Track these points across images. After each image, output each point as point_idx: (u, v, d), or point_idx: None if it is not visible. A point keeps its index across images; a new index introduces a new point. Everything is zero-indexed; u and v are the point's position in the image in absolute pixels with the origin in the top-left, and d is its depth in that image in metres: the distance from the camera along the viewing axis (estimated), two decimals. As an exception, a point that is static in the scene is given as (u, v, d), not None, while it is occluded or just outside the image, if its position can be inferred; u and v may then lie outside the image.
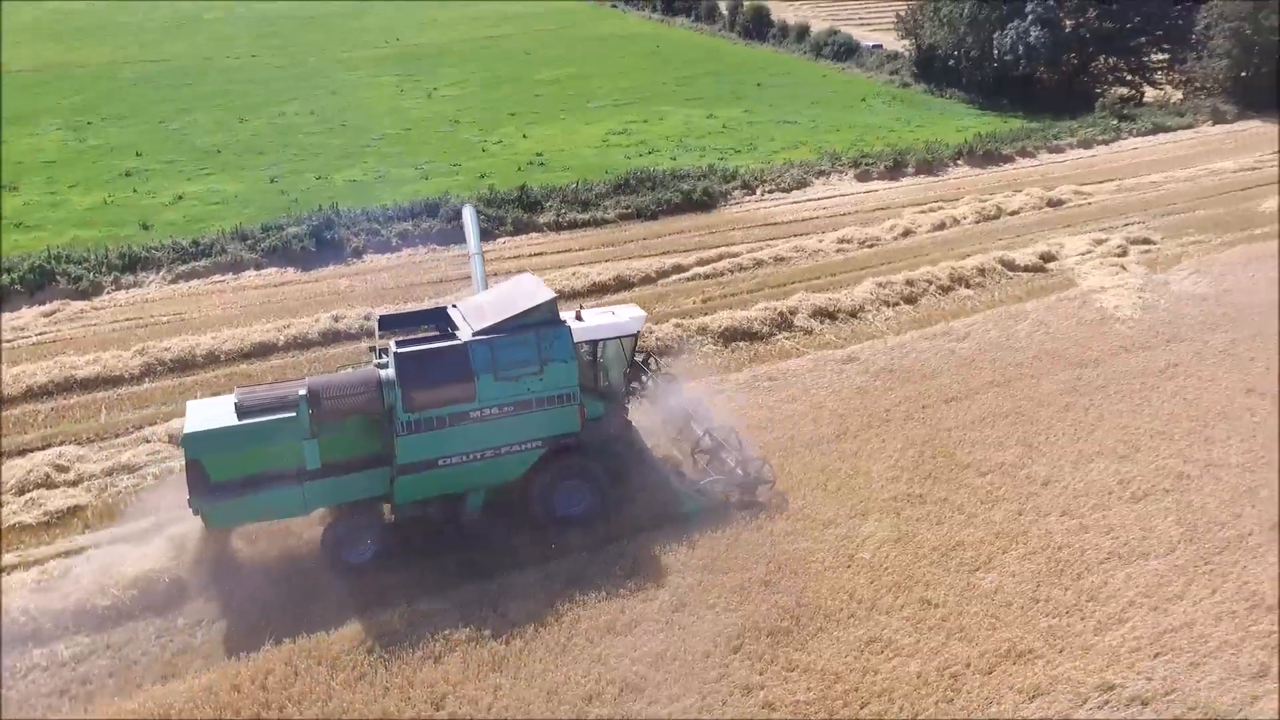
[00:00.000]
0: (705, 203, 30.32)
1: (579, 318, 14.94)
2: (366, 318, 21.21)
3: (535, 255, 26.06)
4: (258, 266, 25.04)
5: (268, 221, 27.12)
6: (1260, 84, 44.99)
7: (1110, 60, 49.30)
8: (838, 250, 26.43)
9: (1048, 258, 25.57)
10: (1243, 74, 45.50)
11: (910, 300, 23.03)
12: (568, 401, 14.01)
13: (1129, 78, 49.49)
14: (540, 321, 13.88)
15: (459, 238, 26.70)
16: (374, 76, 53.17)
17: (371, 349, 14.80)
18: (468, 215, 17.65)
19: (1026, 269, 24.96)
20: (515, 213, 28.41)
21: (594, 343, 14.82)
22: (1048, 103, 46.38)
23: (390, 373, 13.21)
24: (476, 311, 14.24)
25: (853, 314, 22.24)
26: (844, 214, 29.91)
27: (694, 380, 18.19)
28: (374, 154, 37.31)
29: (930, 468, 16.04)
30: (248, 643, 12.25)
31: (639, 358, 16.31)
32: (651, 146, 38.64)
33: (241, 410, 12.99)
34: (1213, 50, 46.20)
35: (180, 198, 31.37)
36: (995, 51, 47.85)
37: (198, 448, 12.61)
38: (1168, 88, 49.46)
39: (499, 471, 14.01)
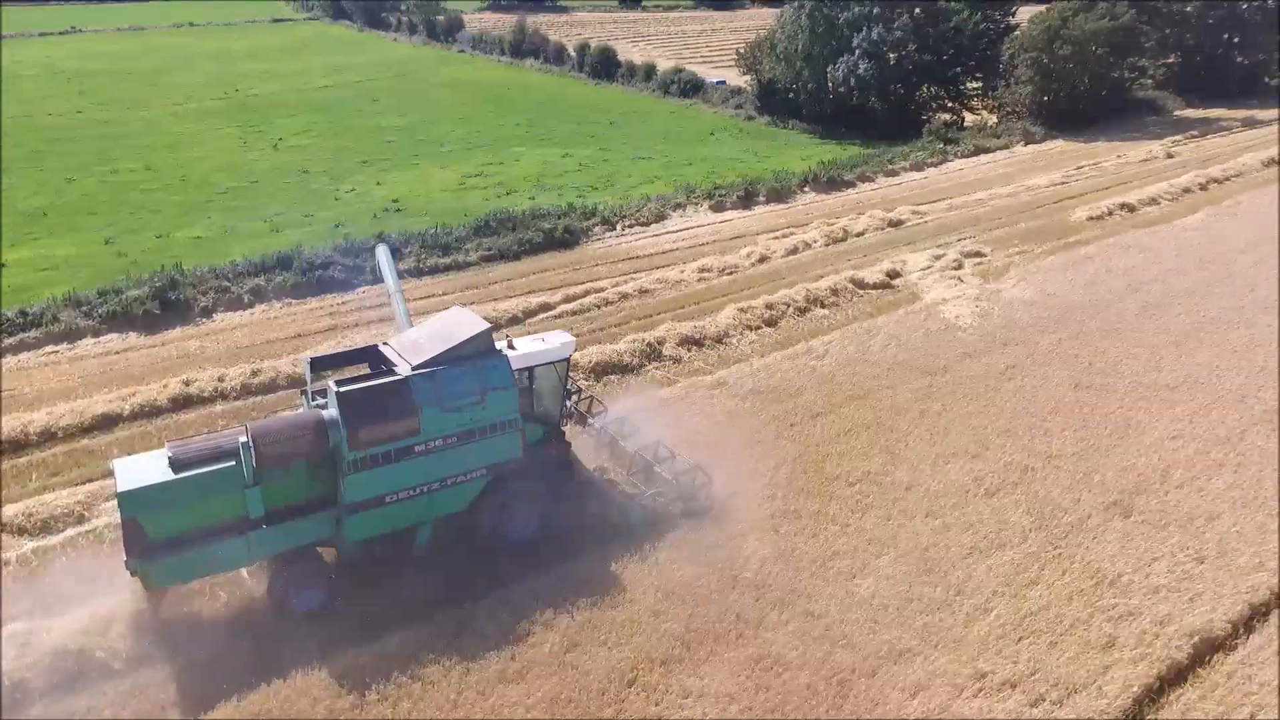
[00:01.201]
0: (567, 240, 30.60)
1: (511, 346, 15.22)
2: (220, 379, 20.21)
3: (398, 303, 25.51)
4: (95, 334, 23.41)
5: (105, 285, 25.48)
6: (1060, 107, 49.72)
7: (932, 89, 53.13)
8: (699, 279, 27.19)
9: (893, 274, 27.15)
10: (1045, 98, 50.15)
11: (771, 323, 23.91)
12: (510, 428, 14.27)
13: (950, 105, 53.50)
14: (478, 352, 14.15)
15: (316, 290, 26.08)
16: (213, 129, 51.08)
17: (303, 392, 14.67)
18: (382, 254, 17.56)
19: (875, 286, 26.40)
20: (373, 261, 27.74)
21: (529, 369, 15.07)
22: (881, 130, 49.47)
23: (333, 412, 13.12)
24: (412, 347, 14.29)
25: (718, 340, 22.88)
26: (703, 244, 30.83)
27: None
28: (219, 208, 35.73)
29: (803, 483, 16.63)
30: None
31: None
32: (509, 188, 38.73)
33: (177, 464, 12.63)
34: (1018, 78, 50.68)
35: (2, 265, 29.04)
36: (830, 84, 50.75)
37: (134, 506, 12.20)
38: (984, 112, 53.76)
39: (446, 503, 14.13)
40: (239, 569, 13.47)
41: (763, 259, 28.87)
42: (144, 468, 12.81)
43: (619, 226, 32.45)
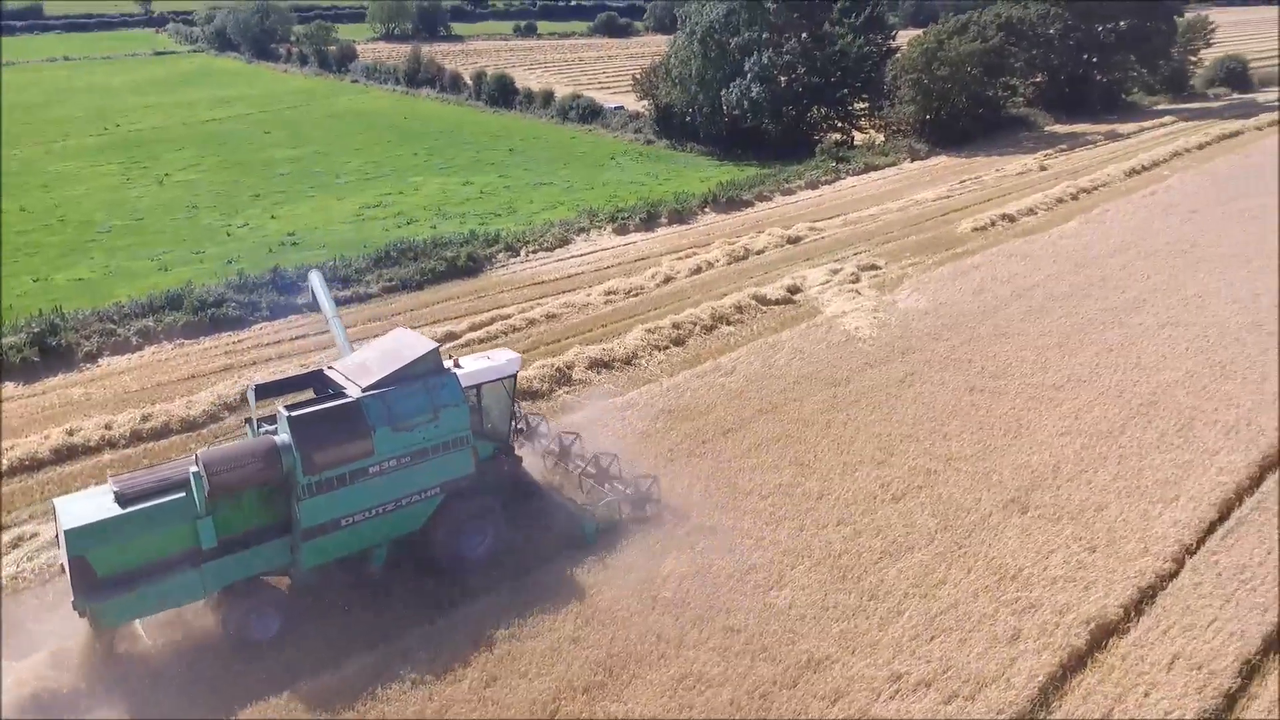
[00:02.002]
0: (471, 268, 30.32)
1: (457, 365, 15.33)
2: (107, 427, 19.18)
3: (297, 338, 24.79)
4: (-35, 386, 21.94)
5: (-26, 334, 23.93)
6: (942, 124, 52.22)
7: (823, 110, 54.98)
8: (606, 302, 27.30)
9: (794, 290, 27.85)
10: (927, 116, 52.58)
11: (679, 342, 24.19)
12: (462, 445, 14.38)
13: (840, 124, 55.41)
14: (427, 371, 14.23)
15: (209, 330, 25.10)
16: (93, 166, 48.77)
17: (248, 420, 14.64)
18: (315, 280, 17.56)
19: (777, 302, 27.02)
20: (270, 296, 26.95)
21: (477, 387, 15.22)
22: (776, 150, 50.87)
23: (285, 437, 12.97)
24: (359, 369, 14.33)
25: (627, 361, 23.00)
26: (608, 267, 31.00)
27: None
28: (101, 248, 34.07)
29: (717, 498, 16.80)
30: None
31: None
32: (410, 217, 38.18)
33: (124, 498, 12.42)
34: (901, 98, 52.98)
35: None
36: (725, 107, 51.96)
37: (81, 543, 11.91)
38: (872, 131, 55.89)
39: (402, 523, 14.15)
40: (192, 602, 13.10)
41: (668, 279, 29.22)
42: (88, 504, 12.54)
43: (523, 252, 32.36)
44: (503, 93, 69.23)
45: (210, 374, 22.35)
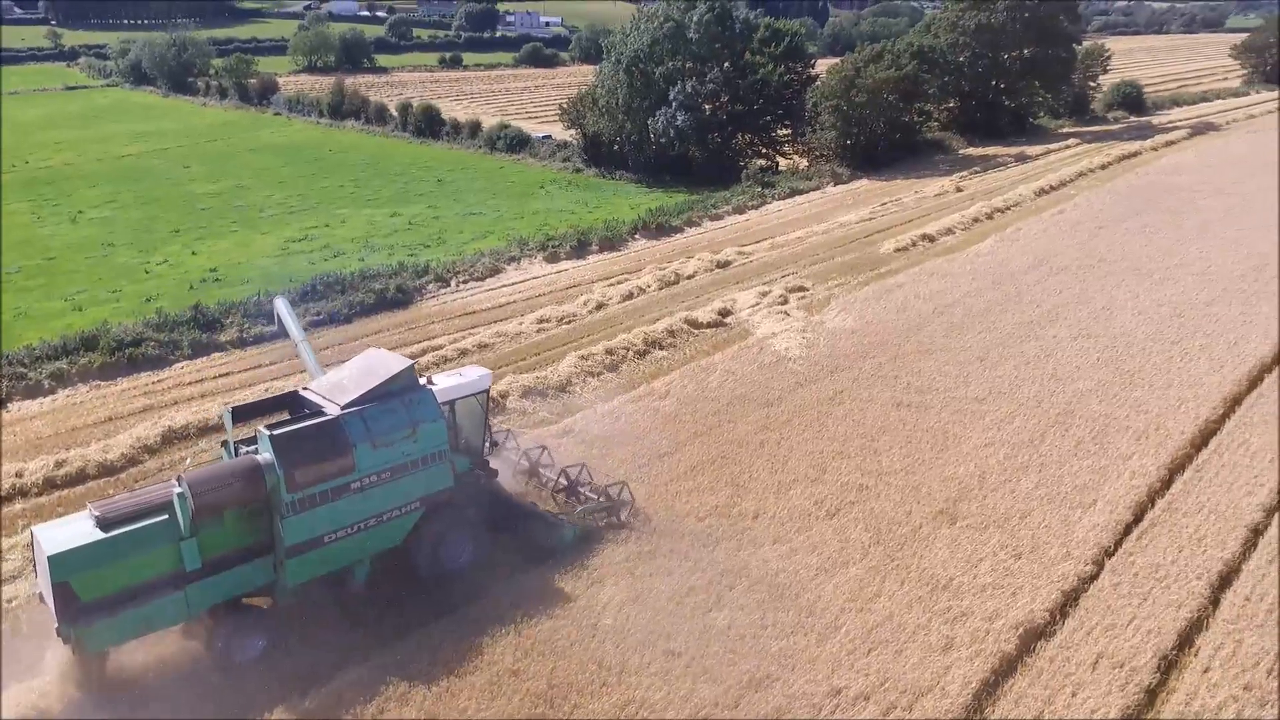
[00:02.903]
0: (401, 300, 29.99)
1: (430, 383, 15.64)
2: (18, 474, 18.33)
3: (221, 376, 24.15)
4: None
5: None
6: (862, 149, 53.81)
7: (747, 137, 56.15)
8: (538, 330, 27.27)
9: (725, 313, 28.25)
10: (848, 141, 54.13)
11: (612, 368, 24.27)
12: (440, 459, 14.69)
13: (764, 151, 56.68)
14: (403, 387, 14.57)
15: (127, 370, 24.26)
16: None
17: (224, 443, 14.76)
18: (281, 306, 18.05)
19: (709, 325, 27.36)
20: (191, 334, 26.20)
21: (451, 402, 15.54)
22: (704, 177, 51.70)
23: (267, 456, 13.18)
24: (335, 389, 14.60)
25: (561, 389, 22.96)
26: (539, 295, 31.00)
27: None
28: (10, 290, 32.66)
29: (655, 522, 16.85)
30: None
31: None
32: (336, 250, 37.61)
33: (105, 522, 12.49)
34: (822, 124, 54.46)
35: None
36: (651, 135, 52.67)
37: (66, 568, 11.92)
38: (795, 157, 57.27)
39: (383, 538, 14.40)
40: (176, 625, 13.18)
41: (600, 306, 29.34)
42: (68, 530, 12.57)
43: (453, 283, 32.15)
44: (429, 124, 68.92)
45: (129, 416, 21.59)
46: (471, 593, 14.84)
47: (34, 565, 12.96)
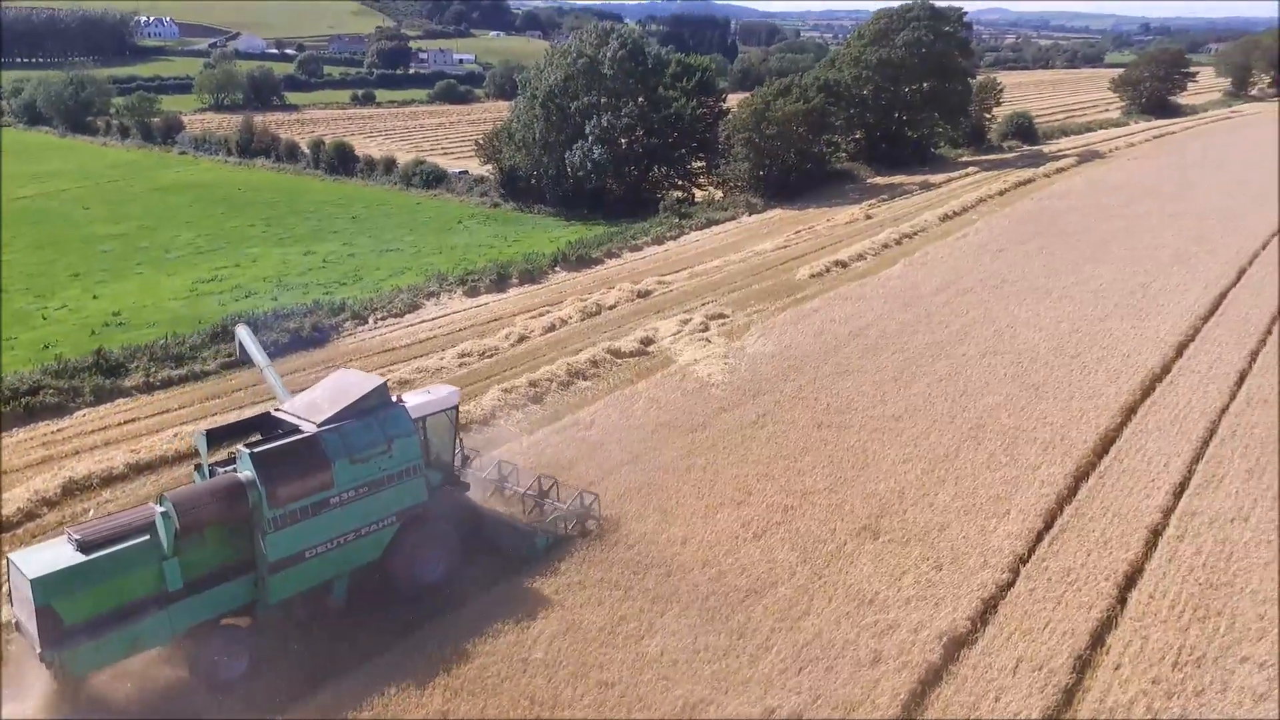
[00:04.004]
0: (316, 339, 29.33)
1: (401, 401, 15.93)
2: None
3: (126, 423, 23.12)
4: None
5: None
6: (774, 179, 55.26)
7: (663, 169, 57.07)
8: (460, 364, 26.98)
9: (647, 341, 28.47)
10: (760, 172, 55.52)
11: (536, 400, 24.15)
12: (415, 474, 15.14)
13: (680, 183, 57.68)
14: (377, 405, 14.99)
15: (23, 420, 23.08)
16: (-126, 250, 44.14)
17: (197, 466, 14.95)
18: (243, 333, 18.48)
19: (632, 354, 27.52)
20: (94, 380, 25.06)
21: (422, 419, 15.91)
22: (622, 209, 52.25)
23: (249, 473, 13.41)
24: (309, 408, 14.96)
25: (484, 423, 22.72)
26: (460, 330, 30.72)
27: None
28: (-113, 341, 30.72)
29: (583, 553, 16.73)
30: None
31: None
32: (248, 290, 36.63)
33: (87, 545, 12.53)
34: (735, 155, 55.77)
35: None
36: (568, 169, 53.05)
37: (48, 591, 11.89)
38: (710, 188, 58.41)
39: (362, 552, 14.72)
40: (160, 645, 13.16)
41: (522, 338, 29.24)
42: (48, 554, 12.57)
43: (371, 320, 31.62)
44: (342, 160, 67.96)
45: (26, 468, 20.47)
46: (399, 630, 14.48)
47: (9, 594, 12.89)
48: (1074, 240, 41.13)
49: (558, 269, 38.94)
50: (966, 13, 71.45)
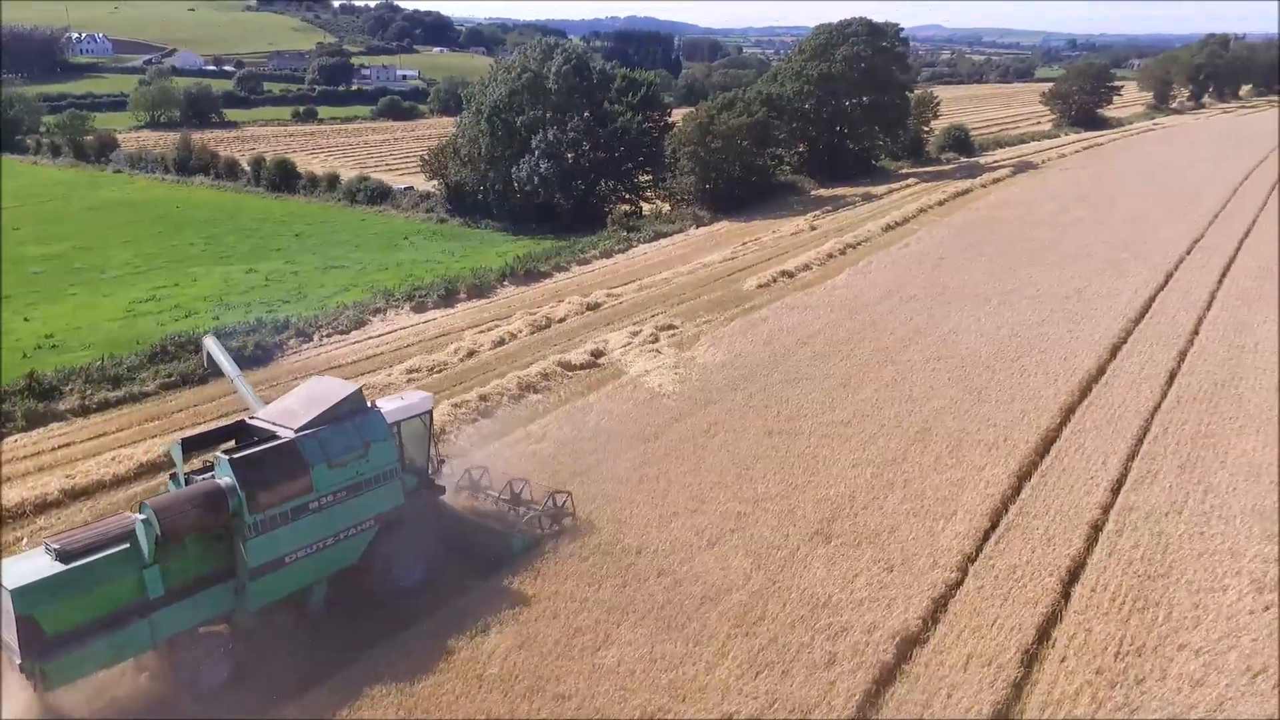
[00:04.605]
0: (260, 357, 28.76)
1: (374, 406, 16.02)
2: None
3: (61, 447, 22.37)
4: None
5: None
6: (720, 192, 55.88)
7: (610, 183, 57.30)
8: (408, 380, 26.66)
9: (598, 354, 28.49)
10: (707, 185, 56.08)
11: (487, 414, 23.98)
12: (391, 478, 15.35)
13: (627, 196, 57.97)
14: (352, 410, 15.17)
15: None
16: None
17: (172, 476, 14.92)
18: (211, 344, 18.77)
19: (583, 366, 27.51)
20: (26, 404, 24.22)
21: (397, 424, 16.11)
22: (569, 223, 52.30)
23: (228, 479, 13.47)
24: (285, 415, 15.09)
25: (435, 438, 22.43)
26: (408, 345, 30.39)
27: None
28: None
29: (538, 566, 16.65)
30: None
31: None
32: (188, 310, 35.80)
33: (66, 554, 12.48)
34: (681, 169, 56.28)
35: None
36: (516, 183, 52.95)
37: (29, 601, 11.83)
38: (657, 201, 58.81)
39: (341, 557, 14.88)
40: (141, 654, 13.13)
41: (471, 353, 29.03)
42: (26, 565, 12.50)
43: (316, 337, 31.12)
44: (285, 177, 66.90)
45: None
46: (352, 649, 14.22)
47: None
48: (1011, 248, 42.29)
49: (506, 283, 38.79)
50: (903, 28, 73.32)
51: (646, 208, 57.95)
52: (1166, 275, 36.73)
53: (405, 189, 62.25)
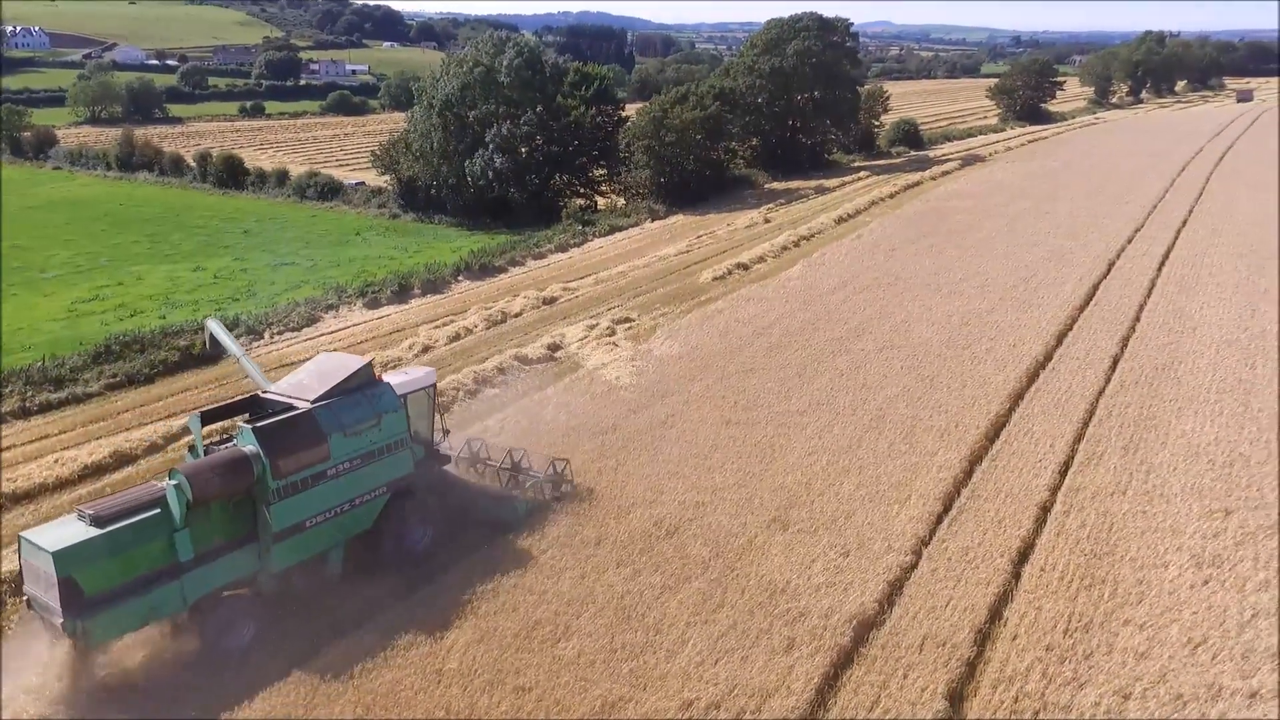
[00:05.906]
0: (210, 355, 28.09)
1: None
2: None
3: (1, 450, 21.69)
4: None
5: None
6: (675, 185, 56.00)
7: (565, 177, 57.08)
8: (363, 378, 26.29)
9: (554, 347, 28.39)
10: (661, 179, 56.16)
11: (444, 409, 23.68)
12: (401, 447, 16.22)
13: (582, 190, 57.79)
14: (364, 382, 16.02)
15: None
16: None
17: (190, 448, 15.74)
18: (214, 326, 19.75)
19: (539, 360, 27.40)
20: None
21: (403, 397, 16.71)
22: (524, 217, 51.96)
23: (253, 446, 14.19)
24: (299, 388, 15.88)
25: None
26: (361, 341, 29.99)
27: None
28: None
29: (496, 558, 16.57)
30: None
31: None
32: (133, 309, 34.91)
33: (100, 519, 13.13)
34: (635, 163, 56.28)
35: None
36: (469, 178, 52.48)
37: (69, 563, 12.49)
38: (612, 195, 58.74)
39: (355, 522, 15.72)
40: (174, 614, 13.75)
41: (426, 349, 28.74)
42: (62, 531, 13.12)
43: (266, 335, 30.56)
44: (232, 173, 65.51)
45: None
46: (305, 650, 14.02)
47: (20, 571, 13.64)
48: (961, 238, 43.05)
49: (461, 278, 38.46)
50: (853, 24, 74.11)
51: (602, 202, 57.90)
52: (1109, 264, 37.69)
53: (356, 184, 61.39)
